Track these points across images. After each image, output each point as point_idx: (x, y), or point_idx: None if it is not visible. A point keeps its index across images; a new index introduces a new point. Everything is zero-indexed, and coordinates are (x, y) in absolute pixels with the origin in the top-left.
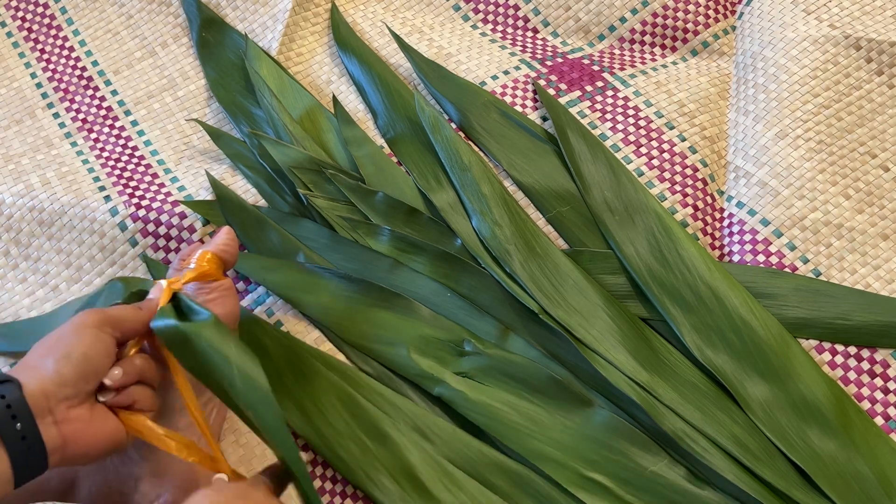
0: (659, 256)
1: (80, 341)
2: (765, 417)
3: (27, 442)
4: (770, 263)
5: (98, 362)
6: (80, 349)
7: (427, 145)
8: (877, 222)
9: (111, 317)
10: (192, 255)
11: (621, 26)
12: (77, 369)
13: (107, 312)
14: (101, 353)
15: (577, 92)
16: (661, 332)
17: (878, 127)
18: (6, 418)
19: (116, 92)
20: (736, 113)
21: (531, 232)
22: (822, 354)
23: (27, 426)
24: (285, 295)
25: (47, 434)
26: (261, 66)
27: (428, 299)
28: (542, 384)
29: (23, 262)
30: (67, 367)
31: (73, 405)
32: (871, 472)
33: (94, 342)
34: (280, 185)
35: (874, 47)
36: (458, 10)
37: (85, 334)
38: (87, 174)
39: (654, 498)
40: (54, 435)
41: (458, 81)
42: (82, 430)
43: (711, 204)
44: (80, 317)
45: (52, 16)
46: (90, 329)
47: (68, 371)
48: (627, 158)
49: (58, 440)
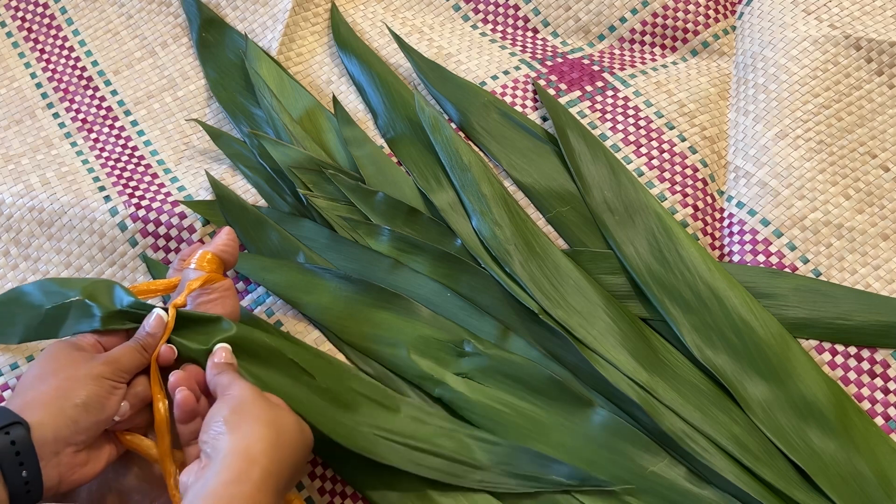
0: (659, 256)
1: (97, 392)
2: (765, 417)
3: (29, 486)
4: (770, 263)
5: (110, 412)
6: (97, 400)
7: (427, 145)
8: (877, 222)
9: (122, 367)
10: (192, 256)
11: (621, 26)
12: (93, 419)
13: (119, 363)
14: (114, 405)
15: (577, 92)
16: (661, 332)
17: (878, 127)
18: (13, 463)
19: (116, 92)
20: (736, 113)
21: (531, 232)
22: (822, 354)
23: (32, 471)
24: (285, 295)
25: (48, 476)
26: (261, 66)
27: (428, 299)
28: (542, 385)
29: (22, 263)
30: (84, 418)
31: (80, 450)
32: (871, 472)
33: (109, 395)
34: (280, 185)
35: (874, 47)
36: (458, 10)
37: (101, 386)
38: (87, 174)
39: (654, 498)
40: (54, 476)
41: (458, 81)
42: (79, 471)
43: (711, 204)
44: (90, 365)
45: (52, 16)
46: (106, 382)
47: (85, 421)
48: (627, 158)
49: (55, 480)
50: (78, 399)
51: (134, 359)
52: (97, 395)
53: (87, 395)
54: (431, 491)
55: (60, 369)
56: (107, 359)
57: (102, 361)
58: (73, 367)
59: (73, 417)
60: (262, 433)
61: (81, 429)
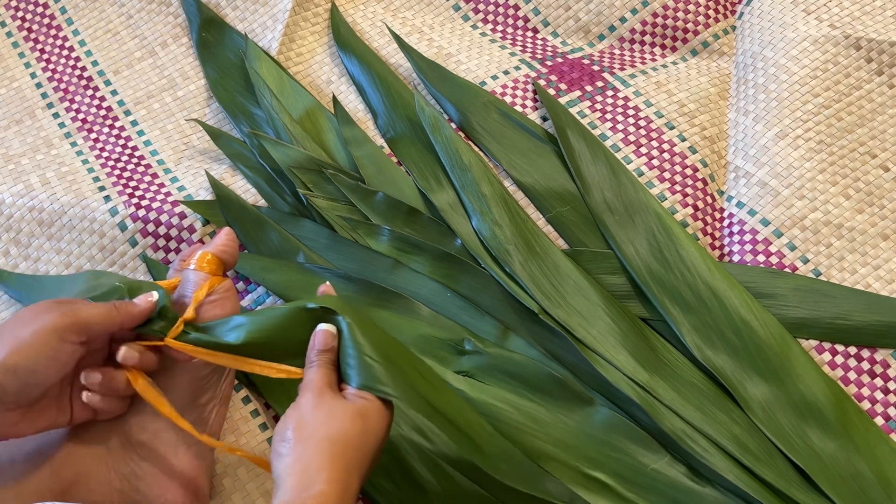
0: (659, 256)
1: (33, 351)
2: (765, 417)
3: None
4: (770, 263)
5: (46, 376)
6: (28, 362)
7: (427, 145)
8: (877, 222)
9: (79, 322)
10: (192, 256)
11: (621, 26)
12: (21, 382)
13: (77, 315)
14: (52, 368)
15: (577, 92)
16: (661, 332)
17: (878, 127)
18: None
19: (116, 92)
20: (736, 113)
21: (531, 232)
22: (822, 354)
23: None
24: (285, 295)
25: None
26: (261, 66)
27: (428, 299)
28: (542, 383)
29: (23, 263)
30: (12, 381)
31: (9, 409)
32: (871, 472)
33: (49, 355)
34: (280, 185)
35: (874, 47)
36: (458, 10)
37: (46, 344)
38: (87, 174)
39: (655, 496)
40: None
41: (458, 81)
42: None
43: (711, 204)
44: (45, 317)
45: (52, 16)
46: (51, 338)
47: (12, 384)
48: (627, 158)
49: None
50: (10, 359)
51: (98, 314)
52: (32, 353)
53: (21, 353)
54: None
55: (16, 324)
56: (67, 310)
57: (60, 312)
58: (30, 320)
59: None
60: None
61: (8, 392)
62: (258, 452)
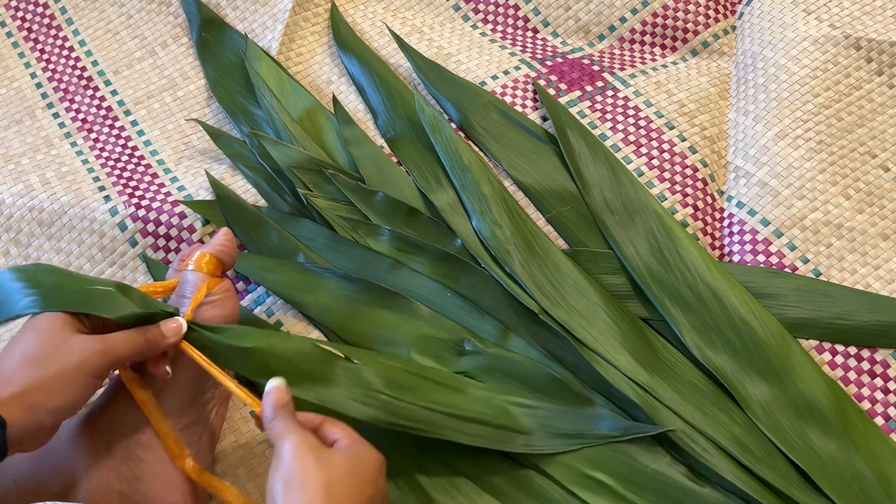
0: (659, 256)
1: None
2: (765, 417)
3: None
4: (770, 263)
5: (67, 414)
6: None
7: (427, 145)
8: (877, 222)
9: (116, 360)
10: (190, 257)
11: (621, 26)
12: (59, 420)
13: (115, 354)
14: (77, 406)
15: (577, 92)
16: (661, 332)
17: (878, 127)
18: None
19: (116, 92)
20: (736, 113)
21: (531, 232)
22: (822, 354)
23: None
24: (285, 295)
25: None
26: (261, 66)
27: (428, 299)
28: (542, 383)
29: (22, 263)
30: (52, 421)
31: (13, 443)
32: (871, 472)
33: (77, 394)
34: (280, 185)
35: (874, 47)
36: (458, 10)
37: (75, 383)
38: (87, 174)
39: (655, 496)
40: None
41: (458, 81)
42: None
43: (711, 204)
44: (77, 353)
45: (52, 16)
46: (83, 378)
47: (51, 423)
48: (627, 158)
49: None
50: (52, 404)
51: (130, 347)
52: (75, 397)
53: (63, 400)
54: None
55: (52, 354)
56: (104, 348)
57: (97, 351)
58: (65, 353)
59: (42, 422)
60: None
61: (44, 430)
62: (258, 452)
